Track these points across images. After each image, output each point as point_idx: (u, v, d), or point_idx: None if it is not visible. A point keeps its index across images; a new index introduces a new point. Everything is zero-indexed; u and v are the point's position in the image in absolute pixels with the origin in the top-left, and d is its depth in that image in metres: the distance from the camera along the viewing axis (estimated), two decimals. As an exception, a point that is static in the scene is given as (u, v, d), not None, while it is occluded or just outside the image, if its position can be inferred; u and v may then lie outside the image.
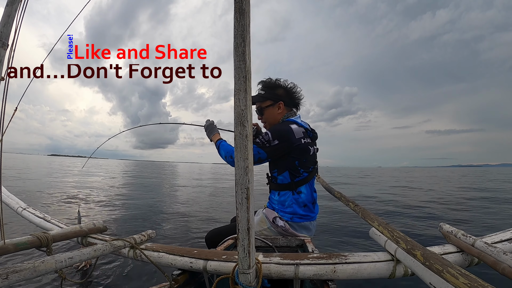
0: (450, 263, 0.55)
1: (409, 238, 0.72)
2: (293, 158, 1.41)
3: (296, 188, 1.44)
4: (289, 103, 1.55)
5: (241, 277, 0.66)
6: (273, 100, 1.50)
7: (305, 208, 1.45)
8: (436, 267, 0.56)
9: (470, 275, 0.50)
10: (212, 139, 1.62)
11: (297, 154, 1.41)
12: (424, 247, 0.66)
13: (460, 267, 0.54)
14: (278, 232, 1.41)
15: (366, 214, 0.99)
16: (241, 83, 0.57)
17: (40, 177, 11.33)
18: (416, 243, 0.68)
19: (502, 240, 0.93)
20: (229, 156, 1.43)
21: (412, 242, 0.69)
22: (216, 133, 1.63)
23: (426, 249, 0.65)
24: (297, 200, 1.43)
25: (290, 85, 1.54)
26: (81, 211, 2.29)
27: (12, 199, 1.56)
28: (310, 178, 1.46)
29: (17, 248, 0.84)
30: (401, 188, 10.88)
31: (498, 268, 0.71)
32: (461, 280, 0.49)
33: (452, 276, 0.51)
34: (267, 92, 1.51)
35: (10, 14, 0.94)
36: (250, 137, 0.59)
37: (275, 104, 1.50)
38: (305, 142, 1.43)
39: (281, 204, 1.45)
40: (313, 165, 1.49)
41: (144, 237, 1.14)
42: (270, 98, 1.50)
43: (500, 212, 5.24)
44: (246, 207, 0.60)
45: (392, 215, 4.89)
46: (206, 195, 7.82)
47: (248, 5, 0.56)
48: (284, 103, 1.52)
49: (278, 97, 1.51)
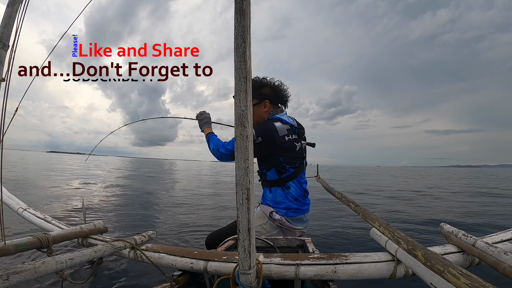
0: (451, 263, 0.55)
1: (410, 239, 0.72)
2: (277, 156, 1.44)
3: (284, 183, 1.48)
4: (275, 101, 1.58)
5: (242, 278, 0.66)
6: (258, 99, 1.52)
7: (297, 202, 1.49)
8: (437, 267, 0.56)
9: (471, 275, 0.50)
10: (204, 131, 1.68)
11: (281, 151, 1.44)
12: (425, 248, 0.66)
13: (461, 267, 0.54)
14: (276, 226, 1.44)
15: (367, 214, 0.99)
16: (242, 84, 0.57)
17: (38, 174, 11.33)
18: (417, 243, 0.68)
19: (503, 240, 0.93)
20: (216, 150, 1.48)
21: (413, 242, 0.69)
22: (209, 127, 1.69)
23: (427, 249, 0.65)
24: (287, 196, 1.48)
25: (277, 83, 1.58)
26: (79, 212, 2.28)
27: (13, 199, 1.56)
28: (298, 173, 1.50)
29: (18, 249, 0.85)
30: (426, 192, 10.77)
31: (499, 268, 0.71)
32: (463, 280, 0.49)
33: (453, 277, 0.51)
34: (253, 91, 1.54)
35: (11, 15, 0.94)
36: (250, 137, 0.59)
37: (260, 103, 1.53)
38: (289, 139, 1.46)
39: (274, 201, 1.50)
40: (300, 160, 1.53)
41: (145, 238, 1.15)
42: (256, 97, 1.52)
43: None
44: (246, 208, 0.60)
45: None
46: (207, 194, 7.82)
47: (249, 6, 0.56)
48: (270, 101, 1.55)
49: (264, 96, 1.54)
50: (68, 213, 4.33)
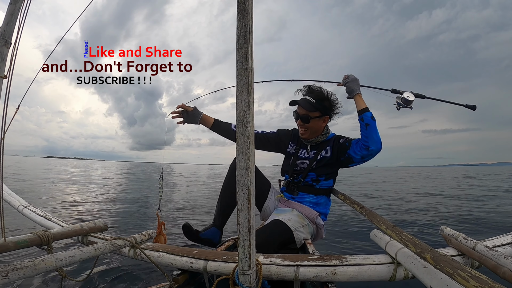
0: (461, 265, 0.54)
1: (417, 241, 0.71)
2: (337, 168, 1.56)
3: (330, 193, 1.59)
4: (331, 116, 1.57)
5: (241, 278, 0.66)
6: (321, 112, 1.49)
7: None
8: (447, 270, 0.55)
9: (480, 277, 0.49)
10: (357, 98, 1.41)
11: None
12: (434, 250, 0.65)
13: (470, 268, 0.53)
14: (314, 229, 1.48)
15: (373, 216, 0.98)
16: (244, 84, 0.57)
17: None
18: (426, 245, 0.68)
19: (503, 244, 0.93)
20: (379, 140, 1.33)
21: (421, 244, 0.69)
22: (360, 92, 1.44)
23: (436, 251, 0.64)
24: (328, 204, 1.58)
25: (334, 99, 1.53)
26: (80, 212, 2.29)
27: (13, 197, 1.57)
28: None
29: (18, 246, 0.85)
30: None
31: (499, 272, 0.71)
32: (472, 283, 0.49)
33: (463, 279, 0.51)
34: (318, 102, 1.48)
35: (13, 12, 0.94)
36: (252, 138, 0.59)
37: (321, 117, 1.50)
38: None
39: (317, 206, 1.53)
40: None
41: (145, 237, 1.15)
42: (320, 110, 1.47)
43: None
44: (247, 208, 0.60)
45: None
46: (207, 194, 7.83)
47: (251, 6, 0.55)
48: (330, 117, 1.55)
49: (326, 111, 1.51)
50: (68, 212, 4.34)
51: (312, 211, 1.49)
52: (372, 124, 1.31)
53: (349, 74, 1.46)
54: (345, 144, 1.45)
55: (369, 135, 1.31)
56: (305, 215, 1.46)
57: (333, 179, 1.57)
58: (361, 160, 1.38)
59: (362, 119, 1.34)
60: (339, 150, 1.46)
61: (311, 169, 1.52)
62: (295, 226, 1.33)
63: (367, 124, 1.32)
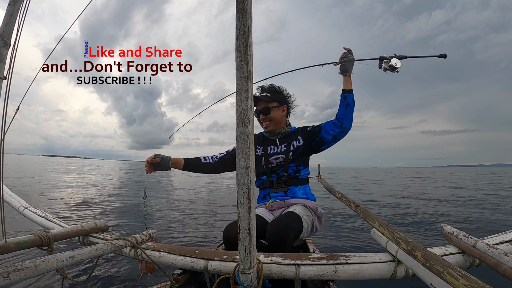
0: (451, 264, 0.55)
1: (409, 239, 0.72)
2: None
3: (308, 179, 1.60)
4: (288, 108, 1.64)
5: (242, 277, 0.66)
6: (279, 102, 1.56)
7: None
8: (436, 268, 0.56)
9: (470, 277, 0.50)
10: (347, 80, 1.41)
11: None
12: (424, 248, 0.66)
13: (460, 268, 0.54)
14: (316, 220, 1.50)
15: (367, 214, 0.99)
16: (243, 83, 0.57)
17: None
18: (417, 244, 0.68)
19: (504, 241, 0.93)
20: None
21: (413, 243, 0.69)
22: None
23: (426, 250, 0.65)
24: (312, 194, 1.58)
25: (287, 92, 1.62)
26: (80, 212, 2.27)
27: (14, 198, 1.57)
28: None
29: (19, 247, 0.85)
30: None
31: (499, 269, 0.71)
32: (461, 281, 0.49)
33: (453, 278, 0.51)
34: (273, 95, 1.57)
35: (13, 13, 0.94)
36: (251, 137, 0.59)
37: (280, 106, 1.57)
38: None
39: (311, 195, 1.55)
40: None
41: (145, 237, 1.15)
42: (277, 100, 1.56)
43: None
44: (247, 207, 0.60)
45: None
46: (207, 194, 7.83)
47: (250, 5, 0.55)
48: (288, 107, 1.62)
49: (283, 101, 1.58)
50: (68, 211, 4.34)
51: (312, 202, 1.52)
52: (352, 106, 1.40)
53: (348, 50, 1.45)
54: (314, 130, 1.53)
55: (347, 114, 1.40)
56: (308, 206, 1.48)
57: (308, 167, 1.61)
58: (332, 140, 1.47)
59: (346, 98, 1.40)
60: (309, 136, 1.54)
61: (290, 160, 1.53)
62: (302, 213, 1.35)
63: (348, 104, 1.40)
